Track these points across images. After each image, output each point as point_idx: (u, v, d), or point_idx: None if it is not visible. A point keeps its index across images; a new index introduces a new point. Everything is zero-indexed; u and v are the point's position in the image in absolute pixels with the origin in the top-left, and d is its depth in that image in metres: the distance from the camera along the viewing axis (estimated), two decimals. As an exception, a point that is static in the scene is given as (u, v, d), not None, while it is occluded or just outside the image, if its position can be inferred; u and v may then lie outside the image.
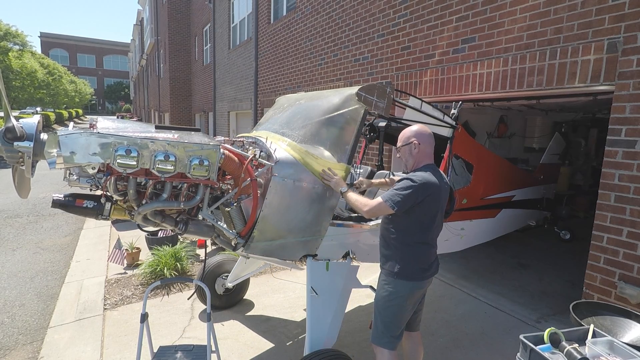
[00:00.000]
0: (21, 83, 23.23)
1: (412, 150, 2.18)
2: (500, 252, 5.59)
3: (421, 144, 2.18)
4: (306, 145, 2.48)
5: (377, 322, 2.23)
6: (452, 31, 4.22)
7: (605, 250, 2.94)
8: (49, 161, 1.82)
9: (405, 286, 2.15)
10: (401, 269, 2.15)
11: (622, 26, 2.79)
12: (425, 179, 2.06)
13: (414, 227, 2.14)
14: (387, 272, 2.22)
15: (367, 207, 2.14)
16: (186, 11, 18.83)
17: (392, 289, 2.17)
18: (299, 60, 7.75)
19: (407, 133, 2.23)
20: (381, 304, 2.22)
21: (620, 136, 2.81)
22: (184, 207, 2.06)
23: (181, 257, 4.47)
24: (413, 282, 2.16)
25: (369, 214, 2.15)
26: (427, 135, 2.22)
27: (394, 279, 2.17)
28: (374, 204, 2.12)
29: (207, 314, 2.42)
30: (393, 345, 2.20)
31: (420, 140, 2.18)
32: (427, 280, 2.22)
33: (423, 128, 2.26)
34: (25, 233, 6.11)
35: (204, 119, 17.32)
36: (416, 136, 2.19)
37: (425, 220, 2.13)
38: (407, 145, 2.20)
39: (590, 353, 1.85)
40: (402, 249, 2.17)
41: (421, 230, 2.15)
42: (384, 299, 2.20)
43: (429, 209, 2.11)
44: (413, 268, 2.15)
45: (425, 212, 2.11)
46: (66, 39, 66.53)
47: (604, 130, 3.05)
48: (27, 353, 3.06)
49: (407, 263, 2.15)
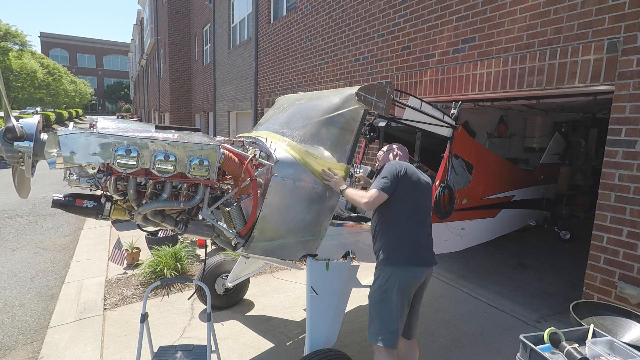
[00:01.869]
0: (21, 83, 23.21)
1: (393, 155, 2.51)
2: (500, 252, 5.59)
3: (402, 154, 2.53)
4: (306, 145, 2.48)
5: (373, 318, 2.21)
6: (452, 31, 4.22)
7: (605, 250, 2.94)
8: (49, 161, 1.82)
9: (394, 273, 2.16)
10: (388, 255, 2.20)
11: (622, 26, 2.79)
12: (398, 162, 2.32)
13: (397, 211, 2.22)
14: (377, 264, 2.28)
15: (364, 198, 2.19)
16: (186, 11, 18.83)
17: (382, 279, 2.20)
18: (299, 60, 7.75)
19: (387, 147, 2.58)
20: (374, 297, 2.23)
21: (620, 136, 2.81)
22: (184, 207, 2.06)
23: (181, 257, 4.47)
24: (402, 268, 2.17)
25: (367, 206, 2.19)
26: (405, 150, 2.57)
27: (383, 267, 2.21)
28: (370, 194, 2.20)
29: (207, 314, 2.42)
30: (390, 342, 2.12)
31: (401, 151, 2.53)
32: (419, 269, 2.19)
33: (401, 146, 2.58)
34: (25, 233, 6.11)
35: (204, 119, 17.32)
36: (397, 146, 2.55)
37: (406, 199, 2.22)
38: (387, 152, 2.54)
39: (590, 353, 1.85)
40: (387, 236, 2.23)
41: (404, 213, 2.22)
42: (375, 293, 2.23)
43: (408, 187, 2.22)
44: (401, 253, 2.18)
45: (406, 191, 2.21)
46: (66, 39, 66.53)
47: (604, 130, 3.05)
48: (27, 353, 3.06)
49: (394, 249, 2.19)
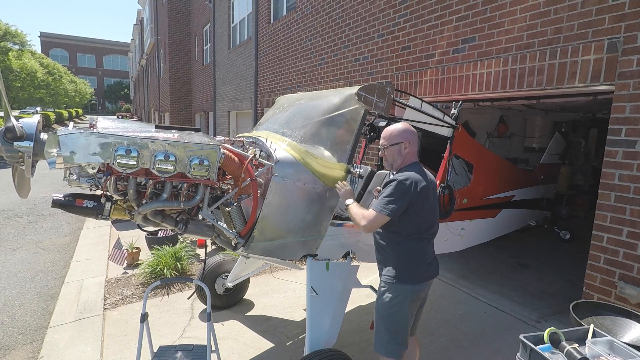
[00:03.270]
0: (21, 83, 23.20)
1: (402, 150, 2.14)
2: (500, 252, 5.59)
3: (411, 144, 2.15)
4: (306, 145, 2.48)
5: (381, 330, 2.16)
6: (452, 31, 4.22)
7: (605, 250, 2.94)
8: (49, 161, 1.82)
9: (405, 290, 2.10)
10: (399, 273, 2.10)
11: (622, 26, 2.79)
12: (413, 178, 2.02)
13: (408, 229, 2.08)
14: (385, 278, 2.16)
15: (363, 220, 2.06)
16: (186, 11, 18.83)
17: (392, 295, 2.11)
18: (299, 60, 7.75)
19: (395, 132, 2.16)
20: (383, 311, 2.15)
21: (620, 136, 2.81)
22: (184, 207, 2.06)
23: (181, 257, 4.47)
24: (413, 285, 2.11)
25: (366, 229, 2.08)
26: (415, 134, 2.20)
27: (393, 284, 2.11)
28: (370, 217, 2.04)
29: (207, 314, 2.41)
30: (399, 353, 2.13)
31: (411, 141, 2.15)
32: (427, 282, 2.17)
33: (410, 127, 2.21)
34: (25, 233, 6.11)
35: (204, 119, 17.32)
36: (406, 136, 2.15)
37: (418, 220, 2.08)
38: (396, 145, 2.15)
39: (590, 353, 1.85)
40: (397, 252, 2.12)
41: (415, 230, 2.09)
42: (385, 306, 2.14)
43: (421, 208, 2.06)
44: (411, 270, 2.10)
45: (418, 212, 2.06)
46: (66, 39, 66.52)
47: (604, 130, 3.04)
48: (27, 353, 3.06)
49: (404, 265, 2.10)
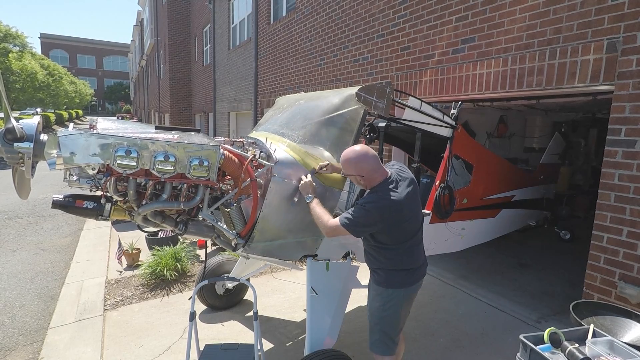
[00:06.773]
0: (21, 84, 23.22)
1: (359, 181, 2.07)
2: (500, 252, 5.58)
3: (365, 175, 2.01)
4: (306, 145, 2.49)
5: (375, 331, 2.20)
6: (451, 31, 4.22)
7: (605, 250, 2.94)
8: (48, 162, 1.82)
9: (397, 294, 2.12)
10: (387, 279, 2.12)
11: (621, 26, 2.79)
12: (377, 204, 1.94)
13: (388, 241, 2.08)
14: (376, 282, 2.19)
15: (326, 227, 2.04)
16: (186, 12, 18.84)
17: (385, 299, 2.14)
18: (299, 60, 7.76)
19: (346, 164, 2.05)
20: (376, 314, 2.19)
21: (620, 136, 2.81)
22: (184, 207, 2.06)
23: (181, 258, 4.47)
24: (405, 289, 2.13)
25: (328, 235, 2.10)
26: (367, 157, 2.00)
27: (384, 289, 2.14)
28: (333, 225, 2.01)
29: (254, 313, 2.43)
30: (392, 350, 2.19)
31: (363, 172, 2.01)
32: (417, 283, 2.20)
33: (360, 154, 2.01)
34: (25, 234, 6.11)
35: (204, 120, 17.32)
36: (357, 169, 2.01)
37: (396, 234, 2.05)
38: (351, 176, 2.09)
39: (590, 353, 1.85)
40: (384, 260, 2.13)
41: (394, 241, 2.08)
42: (378, 310, 2.18)
43: (394, 226, 2.01)
44: (401, 274, 2.12)
45: (392, 229, 2.02)
46: (66, 40, 66.56)
47: (604, 130, 3.04)
48: (28, 354, 3.06)
49: (394, 270, 2.12)
